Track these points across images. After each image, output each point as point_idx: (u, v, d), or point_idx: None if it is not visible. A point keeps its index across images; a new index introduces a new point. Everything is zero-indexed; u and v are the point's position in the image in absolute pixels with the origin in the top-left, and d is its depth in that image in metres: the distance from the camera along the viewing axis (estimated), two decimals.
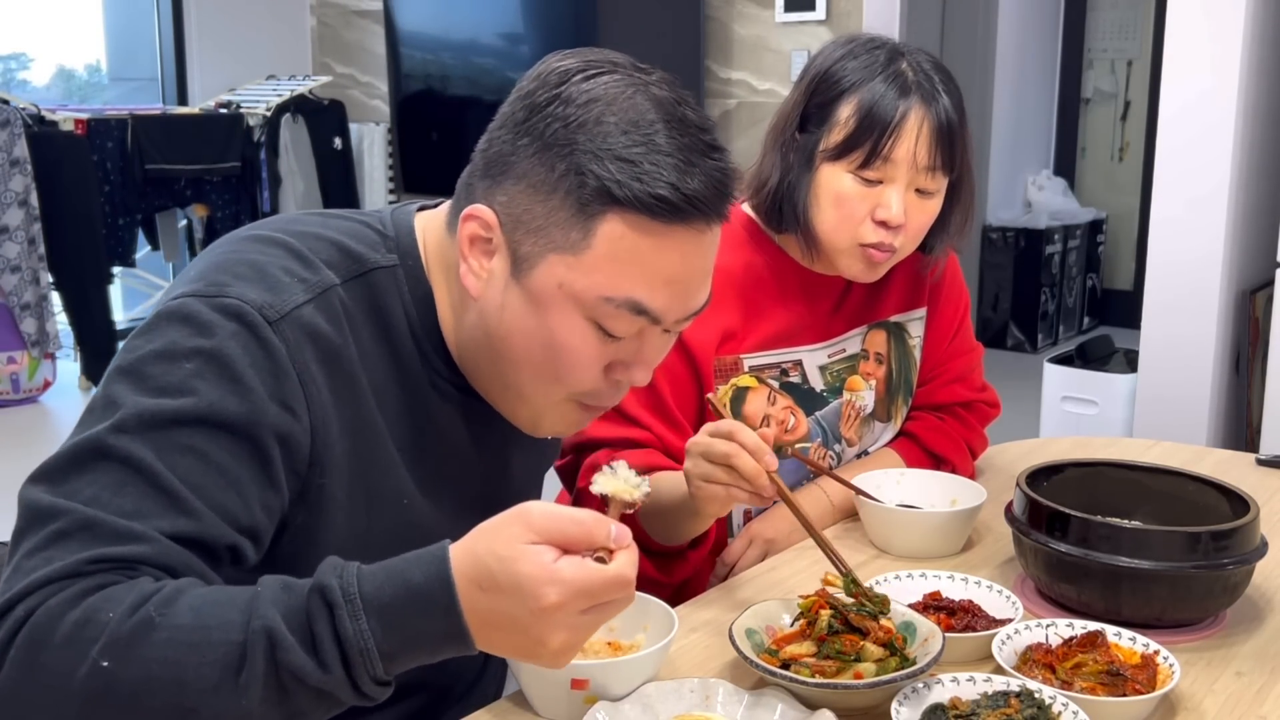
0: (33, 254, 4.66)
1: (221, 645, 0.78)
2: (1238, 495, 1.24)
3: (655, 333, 0.98)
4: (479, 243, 0.96)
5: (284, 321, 0.91)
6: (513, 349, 0.97)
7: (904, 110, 1.34)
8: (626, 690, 1.01)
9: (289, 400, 0.90)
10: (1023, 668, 1.06)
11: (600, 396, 1.01)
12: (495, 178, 0.95)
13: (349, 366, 0.95)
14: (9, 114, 4.53)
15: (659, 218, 0.91)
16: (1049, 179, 6.20)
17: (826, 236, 1.41)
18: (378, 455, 0.98)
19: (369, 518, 0.98)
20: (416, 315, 1.01)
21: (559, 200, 0.92)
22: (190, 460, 0.86)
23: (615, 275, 0.92)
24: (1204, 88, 3.07)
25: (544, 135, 0.92)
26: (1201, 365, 3.15)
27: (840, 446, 1.55)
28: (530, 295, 0.95)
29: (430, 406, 1.03)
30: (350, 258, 0.99)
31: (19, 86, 6.22)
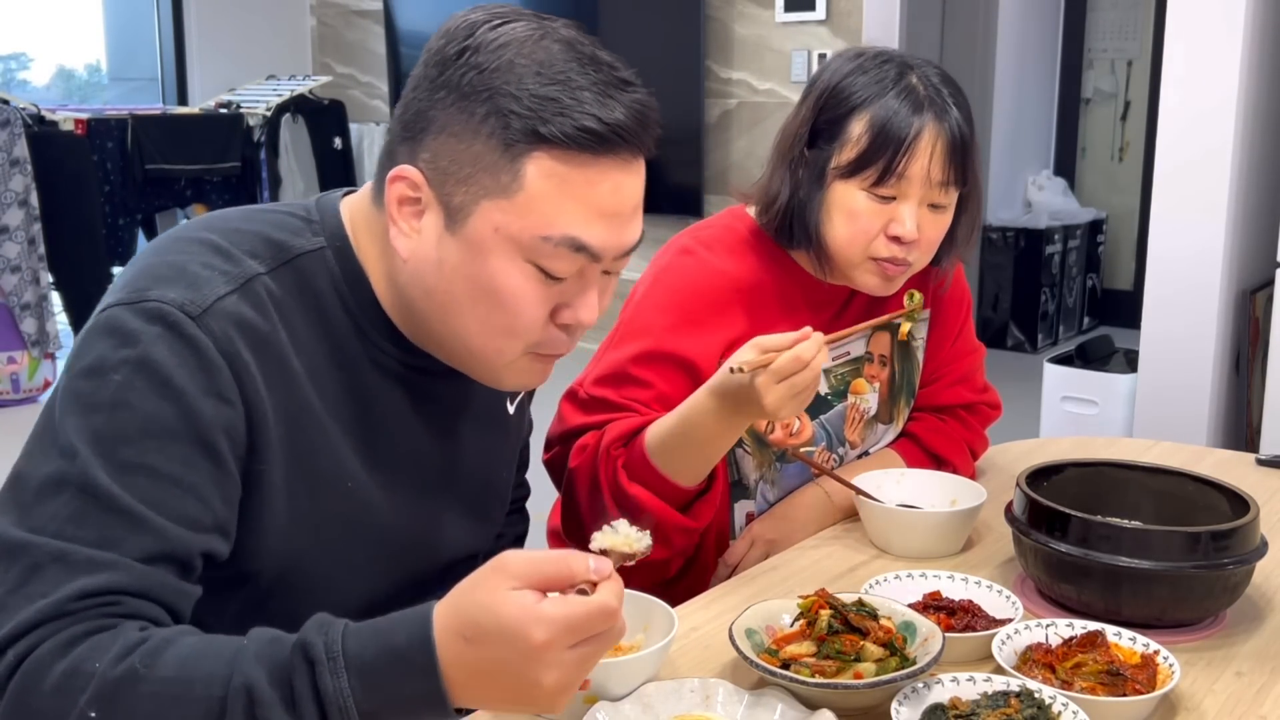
0: (33, 254, 4.66)
1: (204, 700, 0.79)
2: (1238, 495, 1.24)
3: (595, 271, 0.98)
4: (407, 203, 0.97)
5: (207, 314, 0.91)
6: (456, 302, 0.97)
7: (918, 127, 1.34)
8: (626, 690, 1.01)
9: (223, 391, 0.91)
10: (1023, 668, 1.06)
11: (553, 344, 1.01)
12: (416, 137, 0.96)
13: (280, 352, 0.96)
14: (9, 114, 4.53)
15: (586, 150, 0.92)
16: (1049, 179, 6.20)
17: (840, 252, 1.40)
18: (317, 439, 0.98)
19: (311, 501, 0.98)
20: (350, 294, 1.02)
21: (483, 146, 0.92)
22: (142, 477, 0.87)
23: (549, 213, 0.93)
24: (1204, 88, 3.07)
25: (460, 86, 0.93)
26: (1201, 365, 3.15)
27: (844, 449, 1.55)
28: (468, 245, 0.95)
29: (373, 386, 1.03)
30: (274, 246, 0.99)
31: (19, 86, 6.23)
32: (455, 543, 1.15)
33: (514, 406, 1.22)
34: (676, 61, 5.08)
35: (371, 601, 1.05)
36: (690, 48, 5.04)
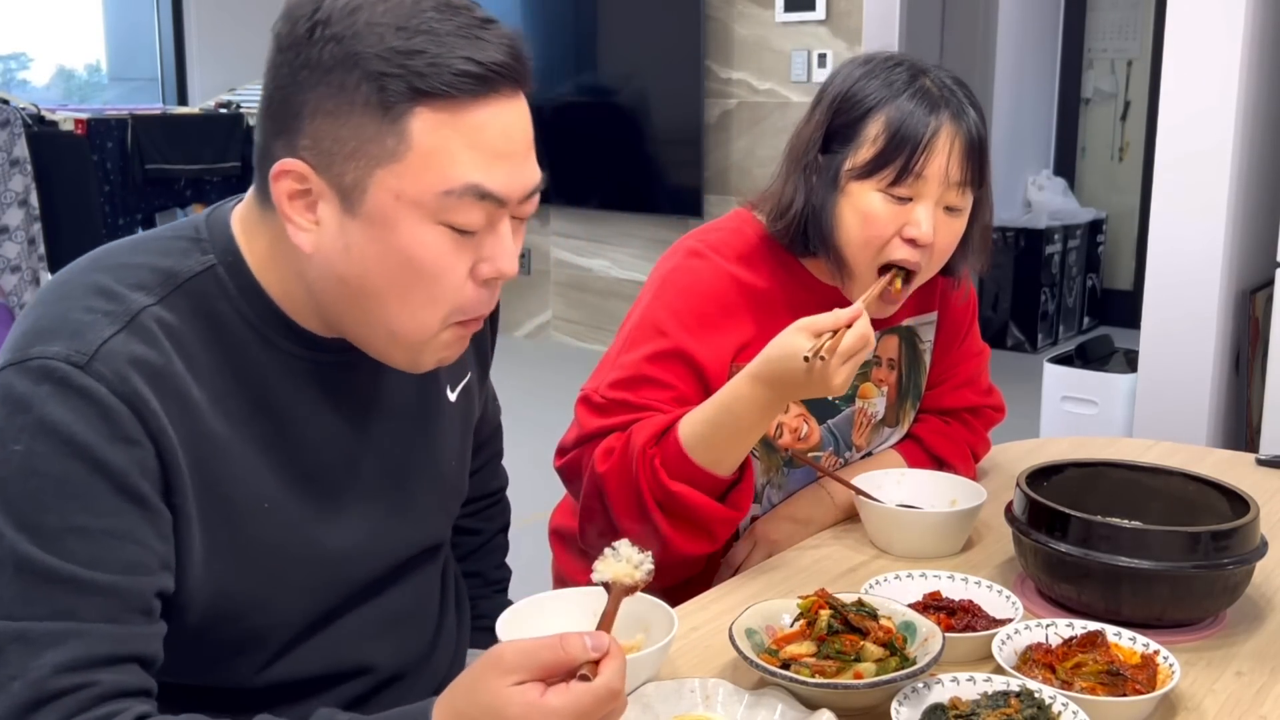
0: (33, 254, 4.66)
1: None
2: (1238, 495, 1.24)
3: (505, 219, 0.95)
4: (298, 197, 0.93)
5: (95, 360, 0.88)
6: (373, 284, 0.94)
7: (935, 126, 1.33)
8: (626, 690, 1.01)
9: (128, 434, 0.88)
10: (1023, 668, 1.06)
11: (476, 305, 0.98)
12: (289, 127, 0.92)
13: (177, 383, 0.92)
14: (9, 114, 4.53)
15: (467, 95, 0.89)
16: (1049, 179, 6.20)
17: (854, 255, 1.38)
18: (224, 466, 0.95)
19: (227, 529, 0.95)
20: (249, 308, 0.98)
21: (361, 116, 0.89)
22: (72, 541, 0.85)
23: (445, 166, 0.90)
24: (1204, 87, 3.07)
25: (322, 62, 0.89)
26: (1201, 365, 3.15)
27: (850, 453, 1.55)
28: (371, 222, 0.91)
29: (287, 398, 1.00)
30: (161, 274, 0.96)
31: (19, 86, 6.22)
32: (402, 542, 1.12)
33: (455, 393, 1.18)
34: (676, 61, 5.08)
35: (315, 614, 1.04)
36: (690, 48, 5.04)
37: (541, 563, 1.67)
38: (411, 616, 1.15)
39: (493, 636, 1.06)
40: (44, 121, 4.79)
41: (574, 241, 5.63)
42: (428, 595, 1.19)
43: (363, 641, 1.09)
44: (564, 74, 5.45)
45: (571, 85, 5.43)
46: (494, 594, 1.39)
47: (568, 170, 5.46)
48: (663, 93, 5.18)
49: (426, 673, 1.19)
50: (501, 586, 1.41)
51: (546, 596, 1.15)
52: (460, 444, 1.20)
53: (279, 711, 0.92)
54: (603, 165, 5.39)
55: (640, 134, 5.25)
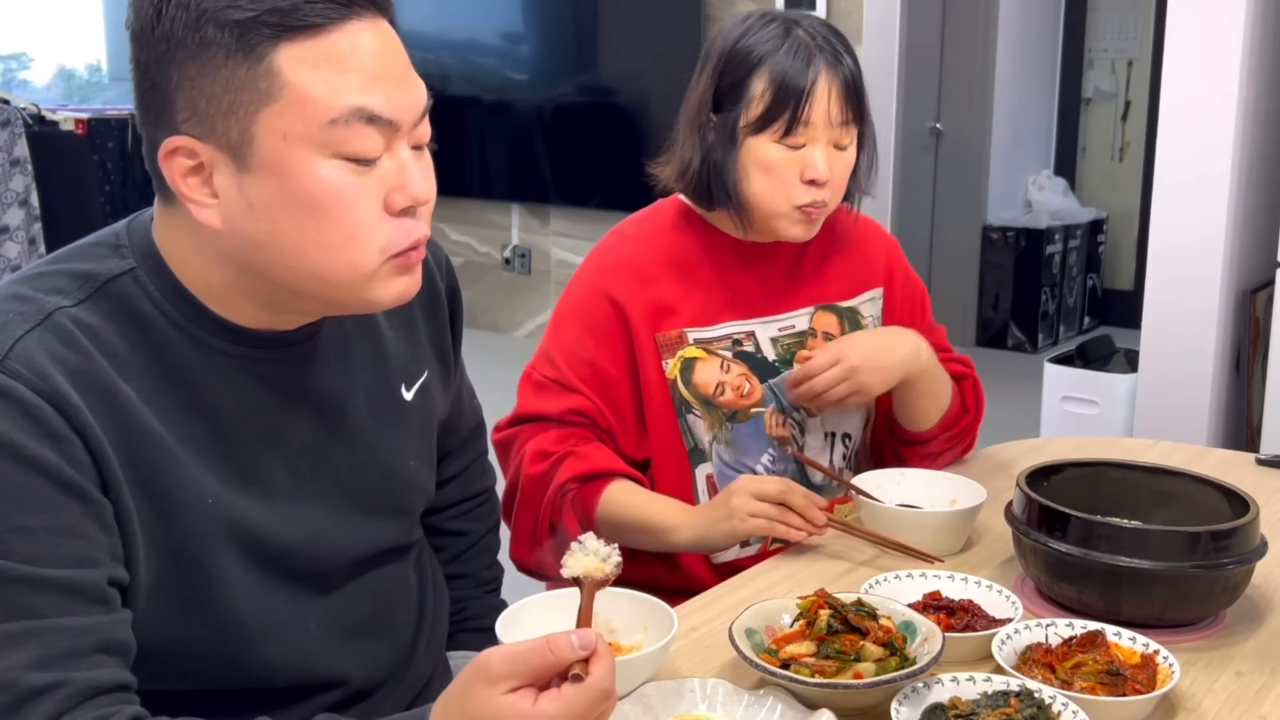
0: (33, 254, 4.65)
1: None
2: (1238, 495, 1.24)
3: (401, 144, 0.94)
4: (191, 174, 0.92)
5: (9, 359, 0.87)
6: (285, 234, 0.92)
7: (813, 76, 1.42)
8: (626, 690, 1.01)
9: (53, 430, 0.87)
10: (1023, 668, 1.06)
11: (404, 236, 0.95)
12: (163, 109, 0.91)
13: (101, 380, 0.91)
14: (9, 114, 4.53)
15: (326, 21, 0.89)
16: (1049, 179, 6.19)
17: (762, 205, 1.48)
18: (161, 462, 0.94)
19: (164, 525, 0.94)
20: (173, 308, 0.97)
21: (226, 67, 0.88)
22: (16, 540, 0.84)
23: (324, 95, 0.89)
24: (1204, 88, 3.07)
25: (174, 32, 0.88)
26: (1201, 365, 3.15)
27: (800, 415, 1.57)
28: (266, 170, 0.90)
29: (222, 397, 0.99)
30: (79, 278, 0.95)
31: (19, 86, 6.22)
32: (355, 541, 1.10)
33: (411, 392, 1.16)
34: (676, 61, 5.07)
35: (267, 613, 1.02)
36: (690, 48, 5.03)
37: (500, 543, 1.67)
38: (381, 622, 1.14)
39: (485, 638, 1.06)
40: (44, 121, 4.79)
41: (574, 241, 5.63)
42: (398, 600, 1.17)
43: (332, 649, 1.08)
44: (564, 74, 5.45)
45: (571, 85, 5.43)
46: (485, 594, 1.39)
47: (568, 170, 5.46)
48: (663, 93, 5.17)
49: (403, 685, 1.17)
50: (493, 587, 1.40)
51: (545, 596, 1.15)
52: (420, 443, 1.18)
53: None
54: (603, 165, 5.39)
55: (640, 134, 5.25)
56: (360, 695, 1.12)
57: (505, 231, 5.77)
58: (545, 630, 1.07)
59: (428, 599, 1.23)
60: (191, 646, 0.99)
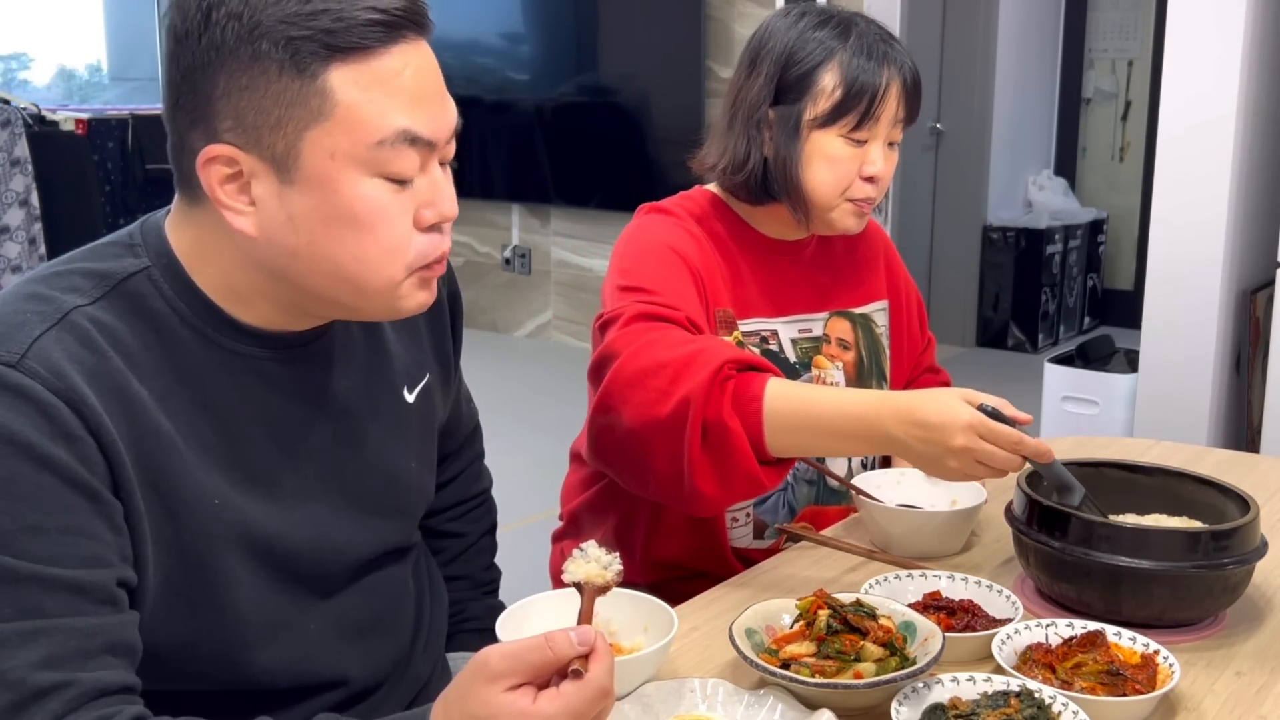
0: (33, 254, 4.65)
1: None
2: (1238, 495, 1.24)
3: (434, 164, 0.98)
4: (230, 181, 0.93)
5: (27, 358, 0.88)
6: (322, 247, 0.94)
7: (887, 76, 1.46)
8: (626, 690, 1.01)
9: (68, 429, 0.87)
10: (1023, 668, 1.06)
11: (431, 250, 0.99)
12: (204, 115, 0.92)
13: (116, 380, 0.92)
14: (10, 114, 4.53)
15: (376, 44, 0.91)
16: (1049, 179, 6.19)
17: (822, 198, 1.49)
18: (170, 462, 0.94)
19: (173, 524, 0.95)
20: (186, 308, 0.98)
21: (279, 82, 0.90)
22: (28, 539, 0.85)
23: (374, 117, 0.91)
24: (1204, 88, 3.07)
25: (226, 41, 0.90)
26: (1201, 365, 3.15)
27: None
28: (309, 185, 0.92)
29: (227, 396, 0.99)
30: (94, 276, 0.96)
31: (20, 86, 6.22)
32: (358, 543, 1.10)
33: (413, 395, 1.17)
34: (676, 61, 5.08)
35: (272, 615, 1.03)
36: (690, 48, 5.04)
37: (541, 563, 1.67)
38: (381, 623, 1.14)
39: (484, 639, 1.06)
40: (45, 121, 4.79)
41: (574, 241, 5.64)
42: (397, 602, 1.17)
43: (332, 651, 1.08)
44: (564, 74, 5.45)
45: (571, 85, 5.43)
46: (483, 596, 1.39)
47: (568, 170, 5.46)
48: (663, 93, 5.17)
49: (403, 685, 1.18)
50: (491, 588, 1.40)
51: (546, 596, 1.15)
52: (421, 445, 1.19)
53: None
54: (603, 165, 5.39)
55: (640, 134, 5.25)
56: (360, 695, 1.12)
57: (505, 231, 5.77)
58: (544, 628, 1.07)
59: (425, 600, 1.23)
60: (196, 648, 1.00)
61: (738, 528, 1.53)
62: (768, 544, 1.54)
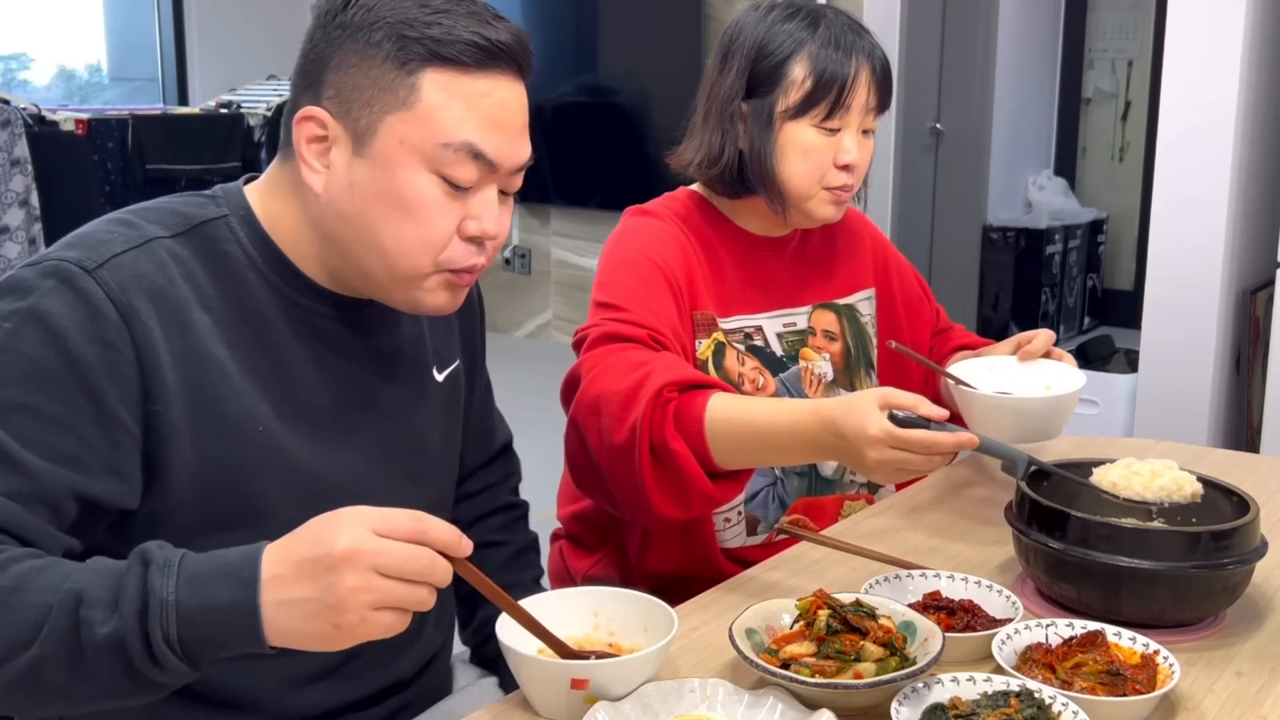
0: (33, 254, 4.65)
1: (35, 607, 0.86)
2: (1238, 495, 1.24)
3: (493, 185, 1.07)
4: (316, 142, 1.05)
5: (103, 269, 0.98)
6: (370, 220, 1.04)
7: (856, 64, 1.48)
8: (626, 690, 1.01)
9: (108, 337, 0.96)
10: (1023, 668, 1.06)
11: (464, 257, 1.07)
12: (316, 80, 1.05)
13: (179, 305, 1.02)
14: (9, 114, 4.53)
15: (473, 65, 1.02)
16: (1049, 179, 6.19)
17: (798, 188, 1.51)
18: (221, 385, 1.03)
19: (220, 441, 1.03)
20: (258, 255, 1.08)
21: (380, 68, 1.02)
22: (22, 417, 0.93)
23: (447, 122, 1.02)
24: (1204, 88, 3.07)
25: (352, 23, 1.03)
26: (1201, 365, 3.15)
27: None
28: (376, 162, 1.03)
29: (286, 339, 1.08)
30: (177, 215, 1.07)
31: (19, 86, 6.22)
32: (383, 494, 1.11)
33: (443, 376, 1.24)
34: (676, 61, 5.08)
35: None
36: (690, 48, 5.03)
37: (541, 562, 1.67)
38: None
39: None
40: (45, 121, 4.78)
41: (574, 241, 5.63)
42: None
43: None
44: (564, 74, 5.44)
45: (571, 85, 5.42)
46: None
47: (568, 170, 5.45)
48: (663, 93, 5.17)
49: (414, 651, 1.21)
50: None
51: (546, 596, 1.15)
52: (443, 423, 1.25)
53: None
54: (603, 165, 5.39)
55: (640, 134, 5.25)
56: (369, 656, 1.14)
57: None
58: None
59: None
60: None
61: (730, 527, 1.53)
62: (761, 540, 1.54)
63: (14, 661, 0.85)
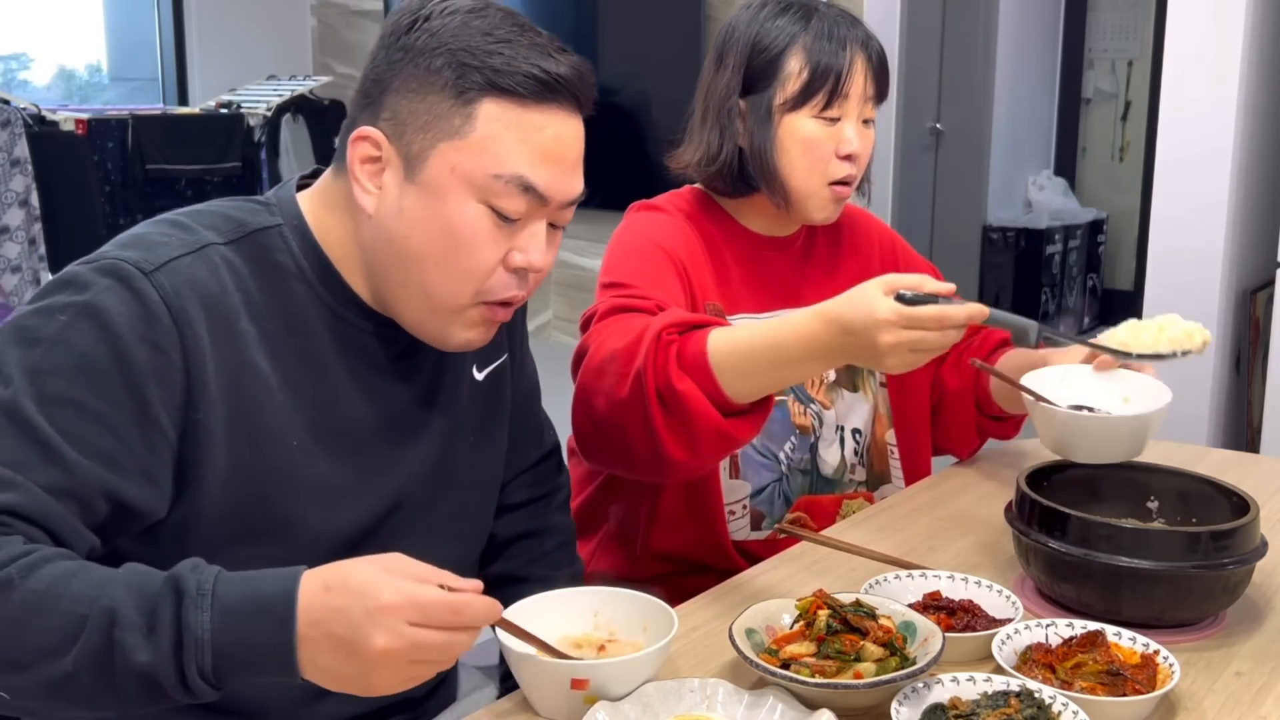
0: (33, 254, 4.65)
1: (68, 615, 0.84)
2: (1238, 495, 1.24)
3: (543, 217, 1.06)
4: (369, 162, 1.04)
5: (160, 272, 0.98)
6: (413, 245, 1.03)
7: (850, 52, 1.49)
8: (626, 690, 1.01)
9: (160, 340, 0.96)
10: (1023, 668, 1.06)
11: (503, 288, 1.06)
12: (375, 101, 1.05)
13: (229, 313, 1.01)
14: (9, 114, 4.53)
15: (531, 97, 1.02)
16: (1049, 179, 6.20)
17: (800, 182, 1.50)
18: (260, 396, 1.02)
19: (253, 452, 1.02)
20: (308, 266, 1.08)
21: (438, 95, 1.02)
22: (67, 411, 0.92)
23: (500, 153, 1.02)
24: (1204, 88, 3.07)
25: (415, 46, 1.03)
26: (1201, 365, 3.16)
27: (816, 407, 1.58)
28: (426, 189, 1.02)
29: (325, 353, 1.08)
30: (232, 222, 1.06)
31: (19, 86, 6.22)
32: (412, 518, 1.15)
33: (483, 374, 1.23)
34: (676, 61, 5.08)
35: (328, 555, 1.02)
36: (690, 47, 5.04)
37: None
38: None
39: None
40: (45, 122, 4.78)
41: (574, 241, 5.63)
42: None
43: None
44: None
45: None
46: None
47: None
48: (663, 93, 5.17)
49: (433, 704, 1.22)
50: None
51: (547, 596, 1.15)
52: (480, 423, 1.22)
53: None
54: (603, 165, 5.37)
55: (640, 134, 5.25)
56: None
57: None
58: (545, 628, 1.07)
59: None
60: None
61: (735, 520, 1.53)
62: (766, 535, 1.54)
63: (43, 669, 0.85)
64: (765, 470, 1.54)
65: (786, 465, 1.55)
